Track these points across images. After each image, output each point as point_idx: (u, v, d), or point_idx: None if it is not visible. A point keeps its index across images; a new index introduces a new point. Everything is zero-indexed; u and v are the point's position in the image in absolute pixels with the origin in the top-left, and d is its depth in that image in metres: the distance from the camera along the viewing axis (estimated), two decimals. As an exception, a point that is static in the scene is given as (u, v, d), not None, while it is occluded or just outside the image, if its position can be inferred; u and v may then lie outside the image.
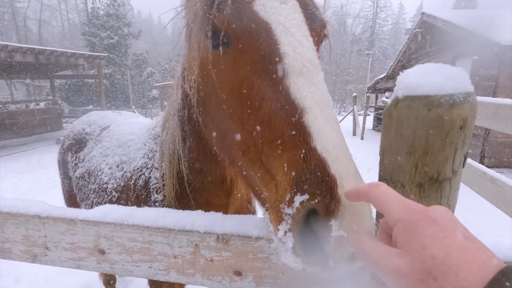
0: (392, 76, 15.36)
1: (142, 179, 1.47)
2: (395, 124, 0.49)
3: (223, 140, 0.89)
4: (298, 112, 0.65)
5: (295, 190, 0.59)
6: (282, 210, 0.60)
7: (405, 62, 14.08)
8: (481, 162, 7.26)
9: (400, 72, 0.53)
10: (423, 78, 0.47)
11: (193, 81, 0.95)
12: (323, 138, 0.61)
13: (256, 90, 0.73)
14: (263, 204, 0.76)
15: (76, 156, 2.12)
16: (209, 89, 0.90)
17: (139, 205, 1.46)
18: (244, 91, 0.75)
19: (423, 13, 11.26)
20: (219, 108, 0.86)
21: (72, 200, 2.29)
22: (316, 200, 0.56)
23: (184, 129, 1.18)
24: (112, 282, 2.93)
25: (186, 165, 1.21)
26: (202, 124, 1.01)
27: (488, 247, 0.40)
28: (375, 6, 59.60)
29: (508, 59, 6.83)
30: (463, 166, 0.49)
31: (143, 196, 1.45)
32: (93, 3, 25.82)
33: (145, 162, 1.49)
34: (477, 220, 4.38)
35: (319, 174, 0.57)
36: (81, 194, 2.00)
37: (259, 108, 0.72)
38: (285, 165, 0.63)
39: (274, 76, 0.70)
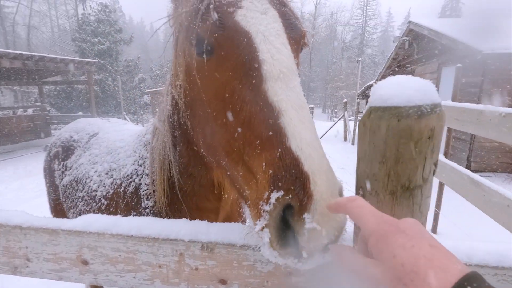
0: (381, 83, 15.64)
1: (132, 185, 1.46)
2: (368, 134, 0.51)
3: (209, 142, 0.93)
4: (275, 114, 0.69)
5: (272, 187, 0.63)
6: (260, 207, 0.64)
7: (393, 68, 14.40)
8: (468, 167, 7.43)
9: (375, 83, 0.55)
10: (394, 90, 0.49)
11: (179, 87, 1.00)
12: (298, 138, 0.65)
13: (237, 94, 0.77)
14: (245, 202, 0.80)
15: (63, 164, 2.08)
16: (195, 93, 0.94)
17: (129, 212, 1.45)
18: (227, 95, 0.80)
19: (410, 21, 11.58)
20: (204, 111, 0.90)
21: (58, 209, 2.24)
22: (290, 196, 0.60)
23: (174, 134, 1.21)
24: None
25: (177, 170, 1.23)
26: (190, 128, 1.05)
27: (465, 251, 0.43)
28: (364, 14, 61.01)
29: (491, 66, 7.07)
30: (434, 174, 0.50)
31: (133, 203, 1.45)
32: (83, 9, 25.66)
33: (135, 169, 1.49)
34: (464, 224, 4.46)
35: (293, 171, 0.61)
36: (69, 202, 1.96)
37: (240, 111, 0.76)
38: (264, 164, 0.67)
39: (254, 81, 0.75)
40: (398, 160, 0.47)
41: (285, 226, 0.62)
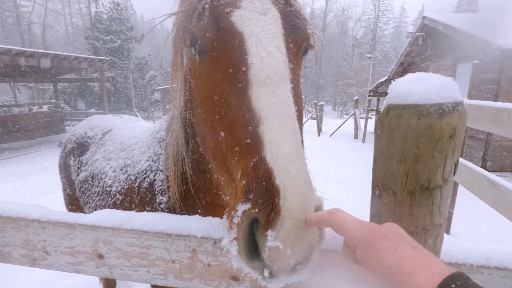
0: (393, 80, 15.34)
1: (147, 181, 1.49)
2: (386, 132, 0.50)
3: (202, 142, 0.94)
4: (255, 121, 0.67)
5: (243, 199, 0.61)
6: (232, 217, 0.63)
7: (406, 65, 14.09)
8: (483, 166, 7.22)
9: (394, 78, 0.54)
10: (414, 87, 0.47)
11: (177, 85, 1.01)
12: (274, 149, 0.62)
13: (225, 97, 0.76)
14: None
15: (78, 160, 2.14)
16: (191, 93, 0.95)
17: (143, 207, 1.48)
18: (215, 97, 0.78)
19: (424, 17, 11.29)
20: (197, 112, 0.91)
21: (74, 204, 2.30)
22: (257, 210, 0.58)
23: (186, 130, 1.22)
24: (112, 285, 2.93)
25: (190, 166, 1.24)
26: (194, 126, 1.07)
27: (484, 252, 0.42)
28: (376, 9, 59.79)
29: (509, 62, 6.82)
30: (454, 174, 0.49)
31: (147, 198, 1.47)
32: (96, 8, 26.07)
33: (150, 165, 1.51)
34: (478, 224, 4.35)
35: (264, 184, 0.59)
36: (85, 197, 2.02)
37: (225, 115, 0.75)
38: (240, 172, 0.66)
39: (240, 85, 0.73)
40: (417, 159, 0.46)
41: (251, 240, 0.60)
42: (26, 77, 15.26)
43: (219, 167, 0.79)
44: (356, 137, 14.71)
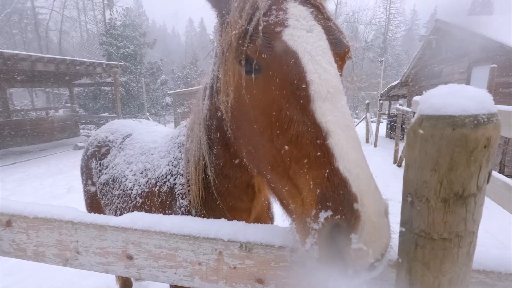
0: (405, 83, 15.15)
1: (167, 185, 1.53)
2: (419, 142, 0.51)
3: (253, 154, 0.95)
4: (323, 135, 0.71)
5: (320, 206, 0.65)
6: (308, 224, 0.67)
7: (419, 69, 13.89)
8: (501, 172, 7.02)
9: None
10: (447, 99, 0.49)
11: (227, 102, 1.02)
12: (345, 159, 0.67)
13: (285, 113, 0.79)
14: (289, 214, 0.82)
15: (100, 163, 2.21)
16: (242, 109, 0.96)
17: (163, 210, 1.52)
18: (274, 113, 0.82)
19: (437, 19, 11.13)
20: (250, 126, 0.92)
21: (94, 205, 2.37)
22: (339, 216, 0.62)
23: (210, 137, 1.25)
24: (129, 285, 2.99)
25: (213, 171, 1.27)
26: (233, 138, 1.08)
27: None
28: (387, 12, 59.25)
29: (528, 65, 6.65)
30: (488, 182, 0.50)
31: (167, 202, 1.51)
32: (110, 14, 26.79)
33: (170, 169, 1.55)
34: (490, 226, 4.24)
35: (341, 192, 0.63)
36: (106, 199, 2.08)
37: (288, 129, 0.78)
38: (311, 182, 0.69)
39: (301, 101, 0.77)
40: (451, 168, 0.48)
41: (332, 244, 0.64)
42: (43, 82, 15.79)
43: (280, 178, 0.82)
44: (367, 141, 14.54)
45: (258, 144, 0.90)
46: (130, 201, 1.80)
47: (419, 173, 0.52)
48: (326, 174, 0.67)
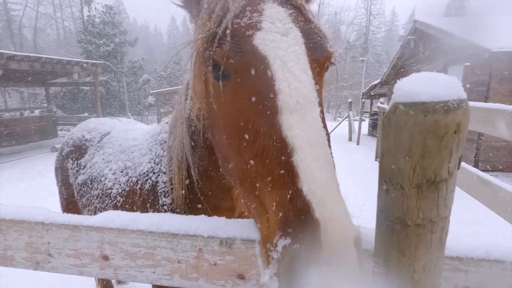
0: (386, 82, 15.58)
1: (149, 183, 1.49)
2: (393, 129, 0.52)
3: (225, 164, 0.89)
4: (288, 151, 0.64)
5: (280, 232, 0.60)
6: (268, 251, 0.62)
7: (398, 68, 14.31)
8: (476, 166, 7.35)
9: (398, 79, 0.56)
10: (419, 86, 0.50)
11: (197, 109, 0.97)
12: (310, 179, 0.61)
13: (252, 124, 0.73)
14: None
15: (77, 163, 2.12)
16: (212, 117, 0.91)
17: (145, 209, 1.48)
18: (241, 123, 0.75)
19: (415, 20, 11.51)
20: (220, 136, 0.87)
21: (71, 208, 2.28)
22: (298, 245, 0.56)
23: (193, 137, 1.21)
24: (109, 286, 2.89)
25: (196, 172, 1.24)
26: (213, 143, 1.02)
27: (484, 247, 0.42)
28: (368, 13, 60.70)
29: (498, 64, 6.99)
30: (458, 168, 0.51)
31: (150, 200, 1.48)
32: (89, 11, 25.93)
33: (152, 167, 1.51)
34: (463, 217, 4.46)
35: (303, 217, 0.58)
36: (84, 200, 2.00)
37: (253, 143, 0.72)
38: (274, 204, 0.64)
39: (269, 112, 0.70)
40: (424, 155, 0.48)
41: (294, 273, 0.58)
42: (17, 81, 15.04)
43: (248, 194, 0.77)
44: (350, 139, 14.84)
45: (228, 156, 0.84)
46: (110, 201, 1.74)
47: (393, 160, 0.53)
48: (288, 196, 0.61)
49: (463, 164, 3.42)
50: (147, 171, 1.53)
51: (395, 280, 0.56)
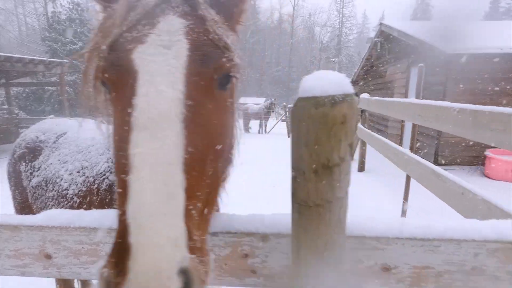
0: (357, 82, 16.19)
1: (106, 183, 1.48)
2: (296, 121, 0.58)
3: None
4: (127, 169, 0.62)
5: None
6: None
7: (368, 68, 14.94)
8: (436, 161, 7.87)
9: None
10: (314, 82, 0.57)
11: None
12: (136, 202, 0.58)
13: (118, 140, 0.72)
14: None
15: (30, 165, 2.04)
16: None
17: (103, 208, 1.47)
18: (116, 138, 0.74)
19: (381, 23, 12.08)
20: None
21: (26, 212, 2.19)
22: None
23: None
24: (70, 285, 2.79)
25: None
26: None
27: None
28: (340, 15, 62.62)
29: (453, 66, 7.54)
30: (352, 154, 0.59)
31: (107, 200, 1.47)
32: (53, 7, 24.57)
33: (109, 166, 1.51)
34: (421, 210, 4.80)
35: (120, 240, 0.57)
36: (38, 203, 1.94)
37: (116, 159, 0.72)
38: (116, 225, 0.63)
39: (126, 128, 0.67)
40: (317, 143, 0.55)
41: None
42: (-28, 81, 13.96)
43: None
44: (289, 136, 15.23)
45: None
46: (66, 202, 1.71)
47: (297, 149, 0.59)
48: (119, 217, 0.60)
49: (418, 158, 3.67)
50: (104, 171, 1.53)
51: (305, 257, 0.63)
